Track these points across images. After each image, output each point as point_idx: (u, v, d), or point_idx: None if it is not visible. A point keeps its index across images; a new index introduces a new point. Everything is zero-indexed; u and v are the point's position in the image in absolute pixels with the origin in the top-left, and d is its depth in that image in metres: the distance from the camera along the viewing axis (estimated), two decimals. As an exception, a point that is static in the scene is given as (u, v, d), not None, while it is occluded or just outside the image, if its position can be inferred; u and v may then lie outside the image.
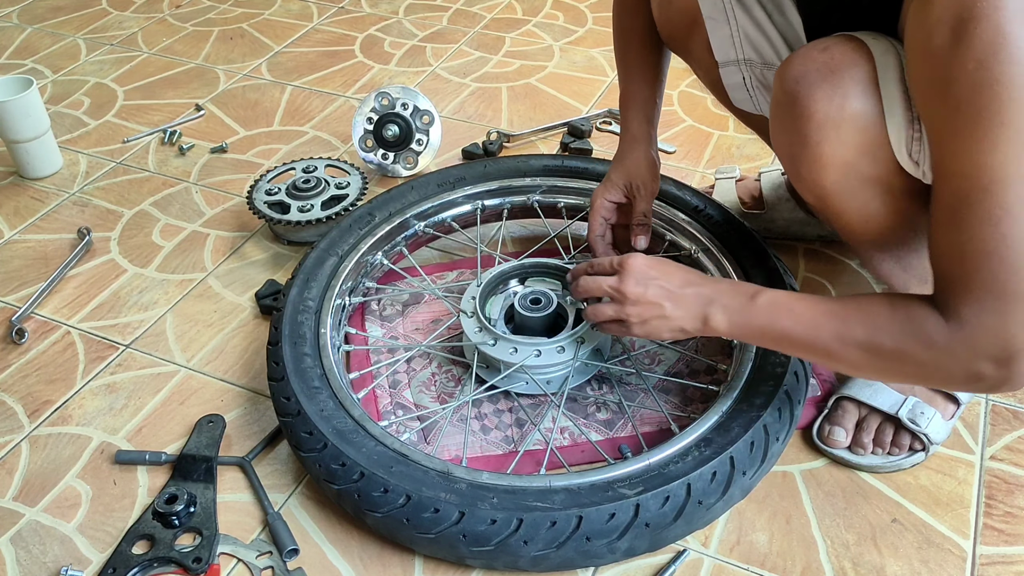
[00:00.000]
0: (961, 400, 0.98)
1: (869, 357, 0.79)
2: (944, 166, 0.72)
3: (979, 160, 0.68)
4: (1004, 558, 0.89)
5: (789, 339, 0.83)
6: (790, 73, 0.82)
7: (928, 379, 0.81)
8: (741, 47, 0.97)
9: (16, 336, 1.17)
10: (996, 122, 0.66)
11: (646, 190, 1.11)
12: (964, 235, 0.71)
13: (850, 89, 0.78)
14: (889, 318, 0.77)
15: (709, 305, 0.86)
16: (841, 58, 0.79)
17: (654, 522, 0.83)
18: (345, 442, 0.90)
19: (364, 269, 1.16)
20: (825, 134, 0.80)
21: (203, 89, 1.74)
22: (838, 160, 0.81)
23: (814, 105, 0.80)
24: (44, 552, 0.93)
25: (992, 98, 0.66)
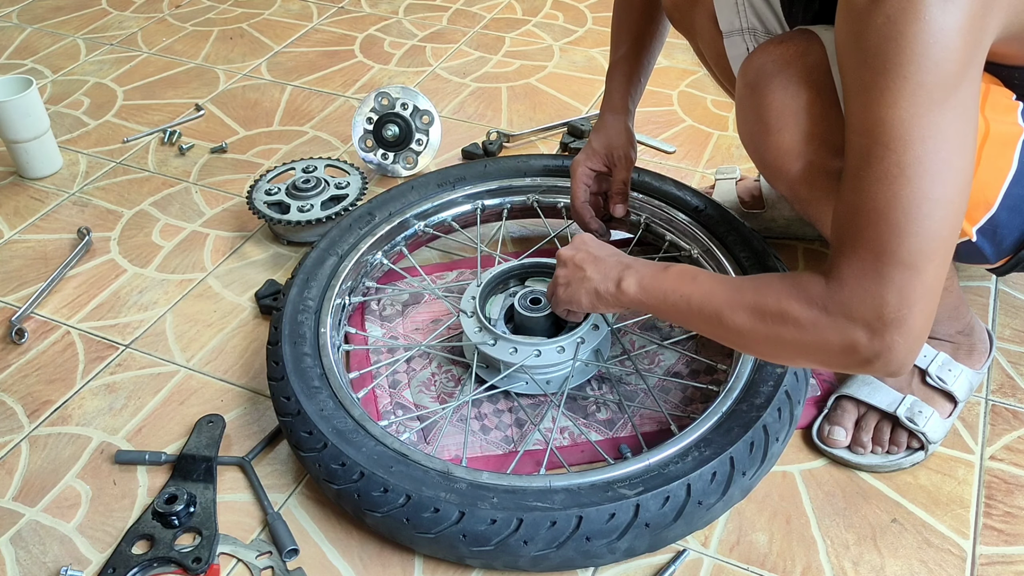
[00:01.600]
0: (959, 399, 0.98)
1: (753, 320, 0.78)
2: (851, 124, 0.72)
3: (881, 115, 0.68)
4: (1004, 558, 0.89)
5: (687, 304, 0.83)
6: (750, 67, 0.84)
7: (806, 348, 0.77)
8: (745, 15, 0.98)
9: (16, 336, 1.17)
10: (899, 75, 0.67)
11: (626, 160, 1.13)
12: (860, 194, 0.71)
13: (803, 78, 0.80)
14: (778, 282, 0.77)
15: (625, 270, 0.89)
16: (795, 49, 0.81)
17: (654, 522, 0.83)
18: (345, 442, 0.90)
19: (364, 269, 1.16)
20: (784, 122, 0.82)
21: (203, 89, 1.74)
22: (799, 147, 0.82)
23: (771, 95, 0.82)
24: (44, 552, 0.93)
25: (896, 51, 0.66)
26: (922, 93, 0.66)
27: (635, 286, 0.88)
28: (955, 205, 0.69)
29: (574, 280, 0.94)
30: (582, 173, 1.15)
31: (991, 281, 1.19)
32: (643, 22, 1.13)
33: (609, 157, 1.14)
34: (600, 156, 1.14)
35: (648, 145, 1.51)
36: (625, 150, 1.13)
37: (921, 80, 0.66)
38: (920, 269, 0.69)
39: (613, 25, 1.16)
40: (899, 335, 0.71)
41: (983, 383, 1.06)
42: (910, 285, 0.69)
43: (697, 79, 1.69)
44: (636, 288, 0.88)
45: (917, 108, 0.67)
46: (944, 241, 0.69)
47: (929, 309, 0.71)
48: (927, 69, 0.66)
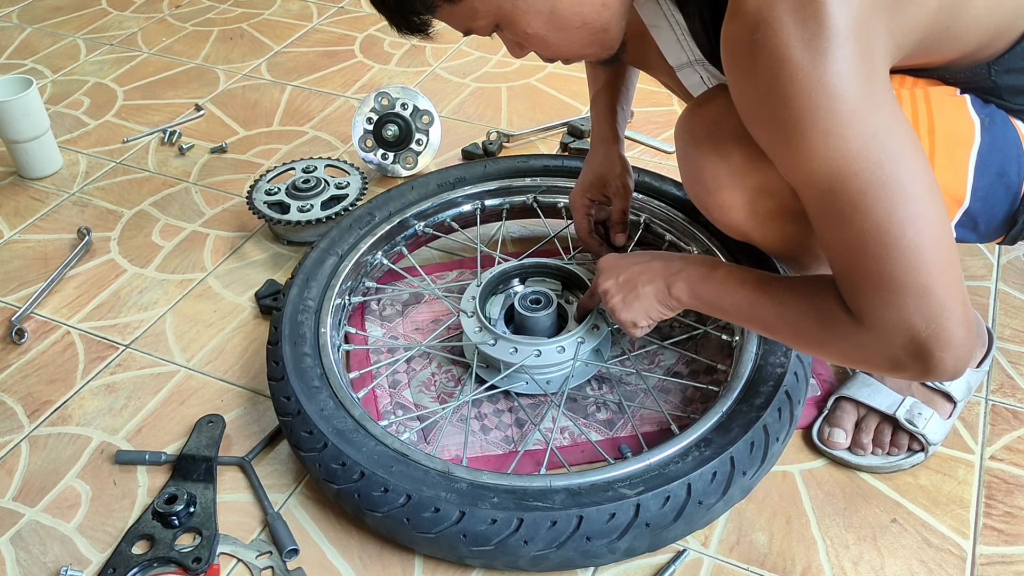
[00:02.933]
0: (957, 399, 0.98)
1: (798, 341, 0.81)
2: (793, 179, 0.74)
3: (808, 168, 0.70)
4: (1004, 558, 0.89)
5: (737, 311, 0.85)
6: (681, 130, 0.88)
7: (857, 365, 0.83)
8: (690, 48, 0.98)
9: (16, 336, 1.17)
10: (799, 131, 0.69)
11: (624, 189, 1.13)
12: (836, 239, 0.72)
13: (729, 137, 0.82)
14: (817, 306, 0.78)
15: (675, 275, 0.89)
16: (717, 109, 0.84)
17: (654, 522, 0.83)
18: (345, 442, 0.90)
19: (364, 269, 1.16)
20: (721, 182, 0.85)
21: (203, 89, 1.74)
22: (739, 202, 0.86)
23: (703, 158, 0.85)
24: (44, 552, 0.93)
25: (789, 113, 0.69)
26: (833, 136, 0.68)
27: (686, 293, 0.89)
28: (928, 206, 0.69)
29: (631, 299, 0.92)
30: (582, 205, 1.15)
31: (991, 281, 1.20)
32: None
33: (607, 187, 1.14)
34: (598, 187, 1.14)
35: (648, 145, 1.51)
36: (622, 179, 1.13)
37: (826, 127, 0.68)
38: (930, 284, 0.69)
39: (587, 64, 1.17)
40: (940, 350, 0.71)
41: (983, 383, 1.06)
42: (928, 303, 0.69)
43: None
44: (688, 295, 0.89)
45: (835, 151, 0.68)
46: (938, 243, 0.69)
47: (959, 310, 0.70)
48: (824, 115, 0.68)
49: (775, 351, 0.97)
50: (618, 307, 0.93)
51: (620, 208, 1.14)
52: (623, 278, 0.93)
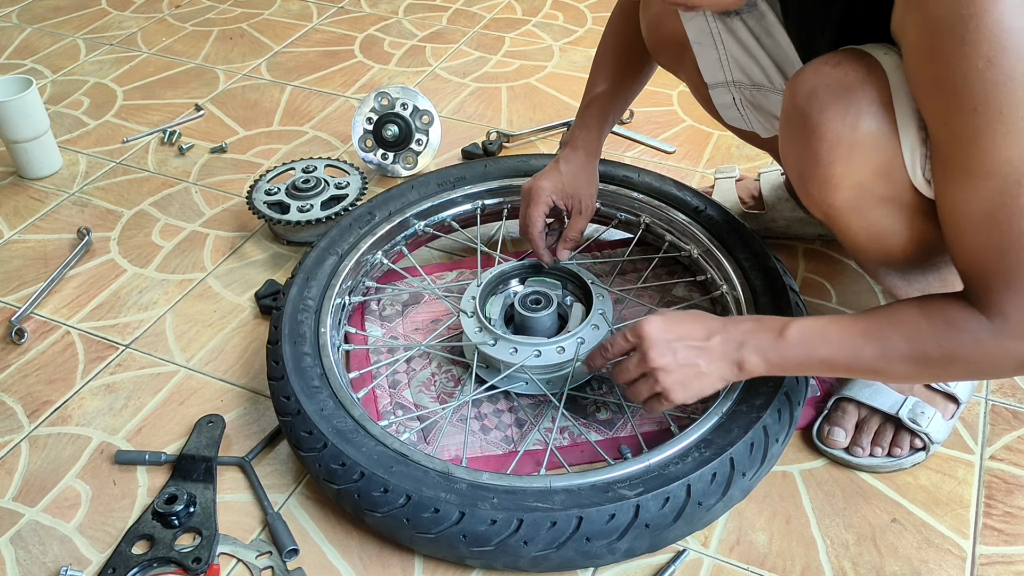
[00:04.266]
0: (961, 399, 0.98)
1: (917, 368, 0.78)
2: (970, 168, 0.70)
3: (1007, 156, 0.67)
4: (1004, 558, 0.89)
5: (831, 366, 0.82)
6: (801, 88, 0.79)
7: (978, 375, 0.80)
8: (730, 69, 0.97)
9: (16, 336, 1.17)
10: (1018, 116, 0.65)
11: (590, 210, 1.11)
12: (1002, 232, 0.70)
13: (864, 108, 0.76)
14: (929, 327, 0.76)
15: (740, 349, 0.84)
16: (854, 75, 0.76)
17: (654, 523, 0.83)
18: (345, 442, 0.90)
19: (364, 268, 1.16)
20: (837, 154, 0.78)
21: (203, 89, 1.74)
22: (849, 181, 0.79)
23: (826, 124, 0.77)
24: (44, 552, 0.93)
25: (1009, 95, 0.65)
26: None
27: (762, 365, 0.84)
28: None
29: (690, 381, 0.85)
30: (545, 203, 1.09)
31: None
32: (630, 61, 1.11)
33: (575, 201, 1.10)
34: (566, 196, 1.09)
35: (648, 145, 1.51)
36: (592, 199, 1.11)
37: None
38: None
39: (597, 57, 1.13)
40: None
41: (983, 383, 1.06)
42: None
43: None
44: (764, 366, 0.84)
45: None
46: None
47: None
48: None
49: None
50: (674, 388, 0.86)
51: (579, 228, 1.10)
52: (682, 357, 0.85)
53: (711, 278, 1.12)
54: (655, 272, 1.20)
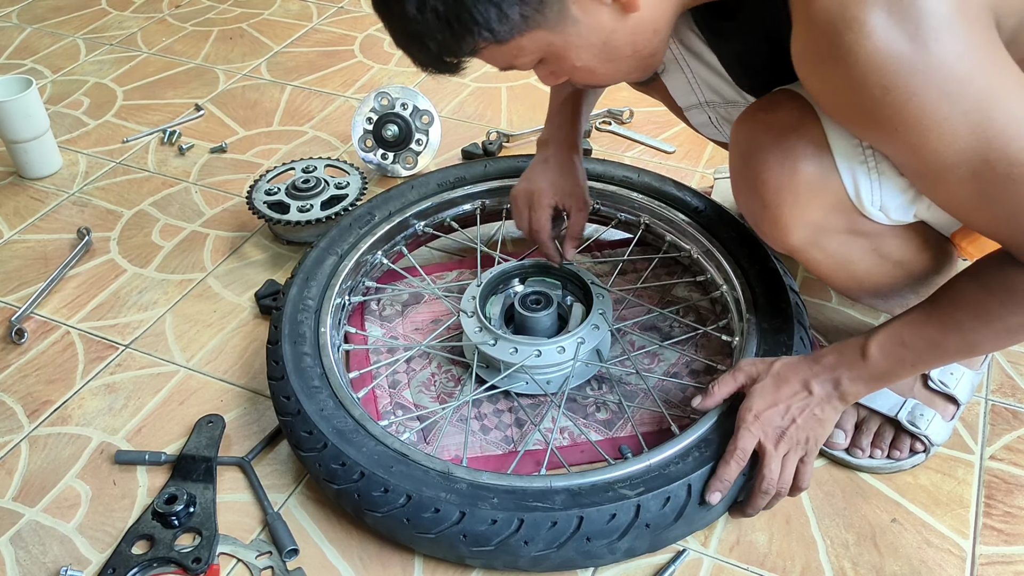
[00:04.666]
0: (960, 400, 0.98)
1: (1003, 337, 0.77)
2: (933, 171, 0.71)
3: (954, 150, 0.68)
4: (1004, 558, 0.89)
5: (925, 363, 0.83)
6: (741, 136, 0.82)
7: None
8: (701, 91, 0.97)
9: (16, 336, 1.17)
10: (936, 120, 0.66)
11: (587, 205, 1.11)
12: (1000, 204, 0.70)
13: (800, 152, 0.78)
14: (994, 300, 0.76)
15: (839, 386, 0.85)
16: (788, 119, 0.79)
17: (655, 523, 0.83)
18: (345, 442, 0.90)
19: (364, 268, 1.16)
20: (782, 199, 0.80)
21: (203, 89, 1.74)
22: (800, 221, 0.81)
23: (767, 172, 0.80)
24: (44, 552, 0.93)
25: (918, 107, 0.66)
26: (974, 113, 0.66)
27: (863, 389, 0.85)
28: None
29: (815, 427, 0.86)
30: (549, 205, 1.11)
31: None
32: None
33: (573, 198, 1.11)
34: (564, 195, 1.11)
35: (648, 145, 1.51)
36: (587, 192, 1.12)
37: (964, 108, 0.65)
38: None
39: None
40: None
41: (983, 383, 1.06)
42: None
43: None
44: (865, 389, 0.85)
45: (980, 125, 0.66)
46: None
47: None
48: (959, 98, 0.65)
49: (776, 351, 0.97)
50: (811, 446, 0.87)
51: (580, 224, 1.11)
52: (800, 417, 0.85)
53: (711, 278, 1.12)
54: (655, 272, 1.20)
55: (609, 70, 0.79)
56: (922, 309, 0.82)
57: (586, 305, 1.08)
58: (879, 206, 0.80)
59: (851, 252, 0.86)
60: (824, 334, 1.12)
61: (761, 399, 0.87)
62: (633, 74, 0.82)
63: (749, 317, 1.02)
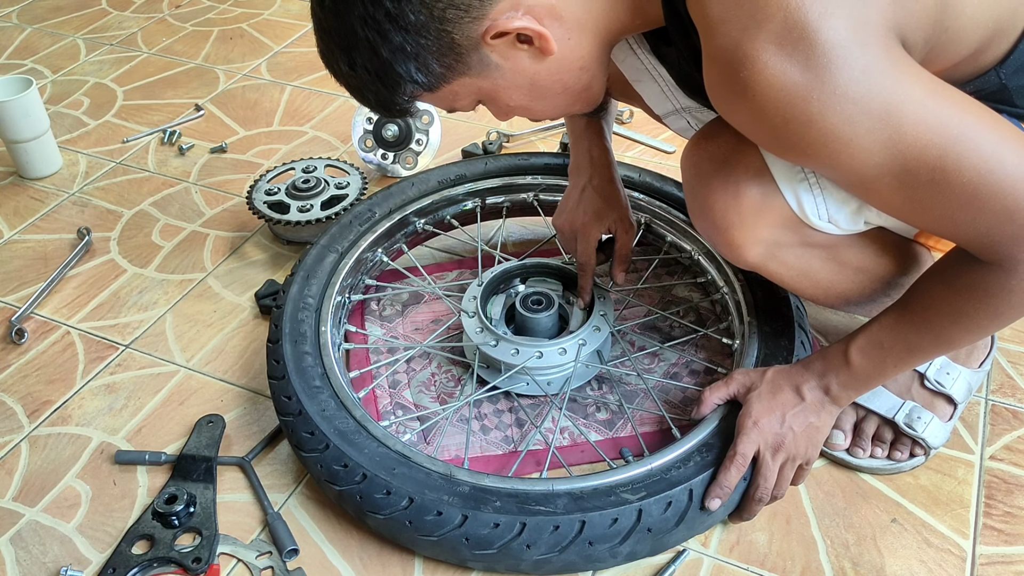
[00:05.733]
0: (957, 401, 0.98)
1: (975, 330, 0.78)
2: (860, 183, 0.72)
3: (872, 163, 0.69)
4: (1004, 558, 0.89)
5: (906, 363, 0.84)
6: (688, 165, 0.85)
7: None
8: (675, 98, 0.98)
9: (16, 336, 1.17)
10: (843, 143, 0.67)
11: (633, 226, 1.09)
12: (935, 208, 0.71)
13: (741, 177, 0.80)
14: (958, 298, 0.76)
15: (829, 391, 0.87)
16: (727, 146, 0.80)
17: (656, 527, 0.83)
18: (347, 443, 0.90)
19: (364, 266, 1.16)
20: (730, 222, 0.82)
21: (203, 89, 1.74)
22: (752, 240, 0.83)
23: (712, 196, 0.82)
24: (44, 552, 0.93)
25: (822, 133, 0.67)
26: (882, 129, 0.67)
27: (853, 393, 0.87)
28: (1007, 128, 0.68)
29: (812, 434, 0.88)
30: (595, 238, 1.08)
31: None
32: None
33: (619, 223, 1.08)
34: (608, 221, 1.08)
35: (648, 145, 1.51)
36: (631, 215, 1.09)
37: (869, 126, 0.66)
38: None
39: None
40: None
41: (983, 383, 1.06)
42: None
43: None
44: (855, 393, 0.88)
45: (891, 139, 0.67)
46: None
47: None
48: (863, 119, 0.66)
49: (776, 355, 0.97)
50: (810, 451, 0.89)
51: (628, 246, 1.09)
52: (796, 424, 0.87)
53: (711, 279, 1.12)
54: (655, 272, 1.20)
55: (546, 107, 0.82)
56: (895, 311, 0.83)
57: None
58: (827, 219, 0.82)
59: (810, 263, 0.88)
60: (824, 334, 1.12)
61: (759, 405, 0.88)
62: (575, 106, 0.84)
63: (750, 320, 1.02)
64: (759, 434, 0.86)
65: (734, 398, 0.92)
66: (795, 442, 0.87)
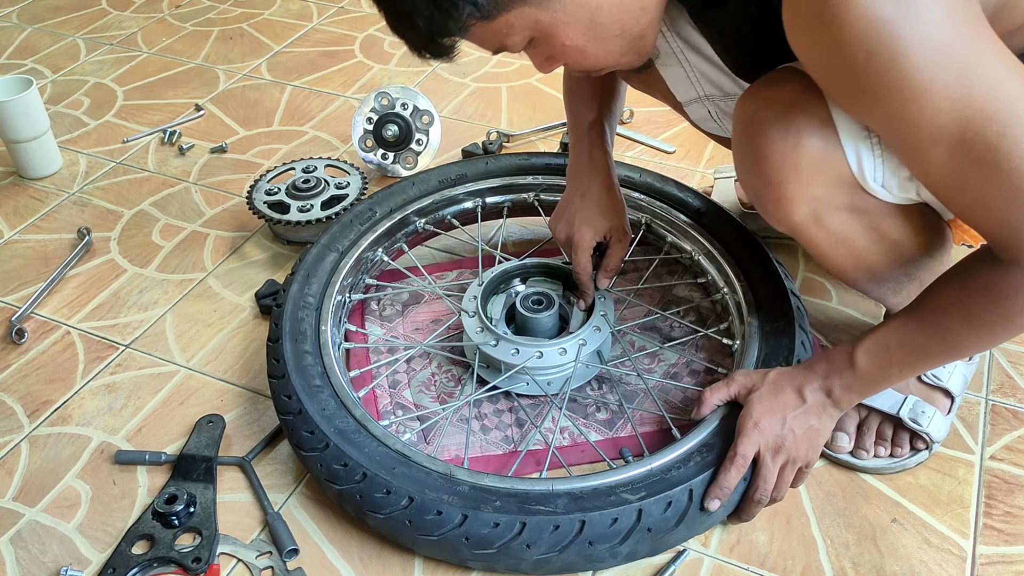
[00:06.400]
0: (955, 393, 0.97)
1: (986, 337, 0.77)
2: (915, 146, 0.71)
3: (935, 125, 0.67)
4: (1004, 558, 0.89)
5: (911, 368, 0.84)
6: (744, 113, 0.82)
7: None
8: (700, 85, 0.97)
9: (16, 336, 1.17)
10: (917, 91, 0.66)
11: (626, 237, 1.08)
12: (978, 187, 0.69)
13: (804, 126, 0.78)
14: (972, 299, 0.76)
15: (831, 393, 0.87)
16: (792, 94, 0.78)
17: (656, 527, 0.83)
18: (347, 442, 0.90)
19: (364, 265, 1.16)
20: (786, 174, 0.80)
21: (203, 89, 1.74)
22: (803, 196, 0.81)
23: (770, 146, 0.79)
24: (44, 552, 0.93)
25: (900, 75, 0.66)
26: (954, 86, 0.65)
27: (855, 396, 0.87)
28: None
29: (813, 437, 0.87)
30: (589, 248, 1.07)
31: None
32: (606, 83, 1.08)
33: (614, 232, 1.08)
34: (604, 231, 1.07)
35: (648, 145, 1.51)
36: (627, 223, 1.08)
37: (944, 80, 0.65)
38: None
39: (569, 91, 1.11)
40: None
41: (983, 383, 1.06)
42: None
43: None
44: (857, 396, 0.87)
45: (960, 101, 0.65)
46: None
47: None
48: (940, 68, 0.65)
49: (776, 355, 0.97)
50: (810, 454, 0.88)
51: (619, 256, 1.08)
52: (797, 426, 0.86)
53: (712, 280, 1.12)
54: (656, 273, 1.20)
55: (599, 51, 0.79)
56: (906, 313, 0.82)
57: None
58: (881, 182, 0.80)
59: (852, 230, 0.86)
60: (825, 334, 1.12)
61: (760, 406, 0.88)
62: (625, 57, 0.82)
63: (750, 320, 1.02)
64: (760, 435, 0.86)
65: (735, 399, 0.92)
66: (795, 444, 0.87)
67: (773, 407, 0.87)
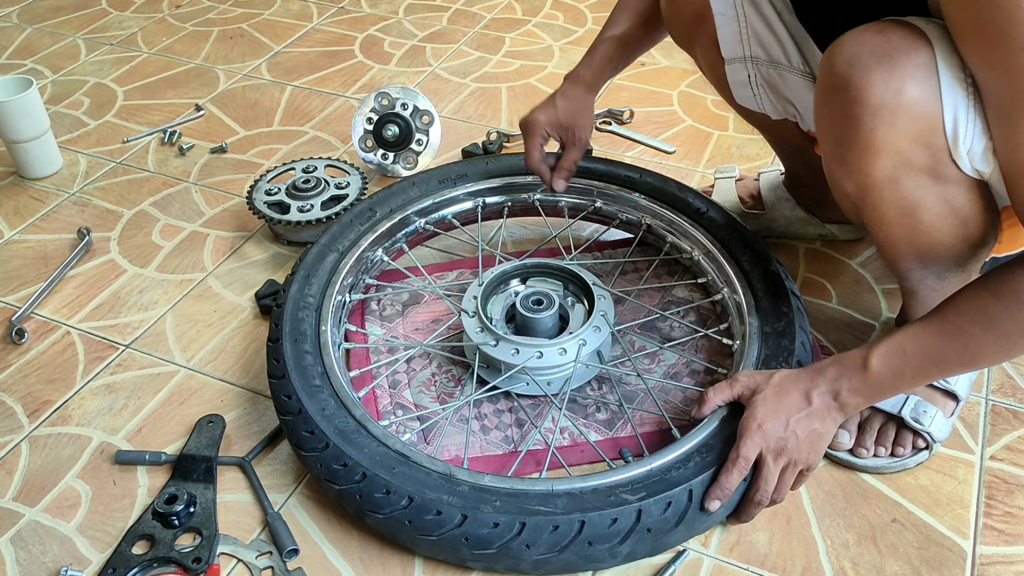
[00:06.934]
0: (960, 396, 0.98)
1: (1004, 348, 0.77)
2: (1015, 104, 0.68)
3: None
4: (1004, 558, 0.89)
5: (924, 375, 0.83)
6: (841, 55, 0.78)
7: None
8: (749, 44, 0.97)
9: (16, 336, 1.17)
10: None
11: (584, 142, 1.13)
12: None
13: (908, 73, 0.74)
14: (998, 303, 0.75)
15: (838, 397, 0.86)
16: (899, 41, 0.75)
17: (656, 527, 0.83)
18: (347, 442, 0.90)
19: (365, 265, 1.16)
20: (880, 119, 0.76)
21: (203, 89, 1.74)
22: (890, 147, 0.78)
23: (869, 88, 0.76)
24: (44, 552, 0.93)
25: None
26: None
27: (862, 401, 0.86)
28: None
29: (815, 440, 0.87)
30: (540, 135, 1.13)
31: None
32: (649, 13, 1.12)
33: (569, 133, 1.12)
34: (561, 128, 1.12)
35: (648, 145, 1.51)
36: (586, 131, 1.13)
37: None
38: None
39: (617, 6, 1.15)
40: None
41: (983, 383, 1.06)
42: None
43: (697, 79, 1.69)
44: (864, 401, 0.86)
45: None
46: None
47: None
48: None
49: (777, 356, 0.97)
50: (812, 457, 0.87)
51: (573, 159, 1.15)
52: (800, 429, 0.86)
53: (712, 280, 1.12)
54: (656, 273, 1.20)
55: None
56: (926, 319, 0.82)
57: (587, 306, 1.08)
58: (968, 146, 0.77)
59: (925, 199, 0.83)
60: (825, 334, 1.12)
61: (764, 408, 0.87)
62: None
63: (751, 321, 1.02)
64: (762, 437, 0.86)
65: (738, 400, 0.91)
66: (798, 447, 0.86)
67: (777, 409, 0.87)
